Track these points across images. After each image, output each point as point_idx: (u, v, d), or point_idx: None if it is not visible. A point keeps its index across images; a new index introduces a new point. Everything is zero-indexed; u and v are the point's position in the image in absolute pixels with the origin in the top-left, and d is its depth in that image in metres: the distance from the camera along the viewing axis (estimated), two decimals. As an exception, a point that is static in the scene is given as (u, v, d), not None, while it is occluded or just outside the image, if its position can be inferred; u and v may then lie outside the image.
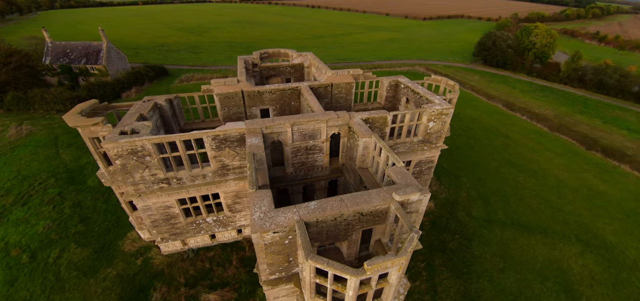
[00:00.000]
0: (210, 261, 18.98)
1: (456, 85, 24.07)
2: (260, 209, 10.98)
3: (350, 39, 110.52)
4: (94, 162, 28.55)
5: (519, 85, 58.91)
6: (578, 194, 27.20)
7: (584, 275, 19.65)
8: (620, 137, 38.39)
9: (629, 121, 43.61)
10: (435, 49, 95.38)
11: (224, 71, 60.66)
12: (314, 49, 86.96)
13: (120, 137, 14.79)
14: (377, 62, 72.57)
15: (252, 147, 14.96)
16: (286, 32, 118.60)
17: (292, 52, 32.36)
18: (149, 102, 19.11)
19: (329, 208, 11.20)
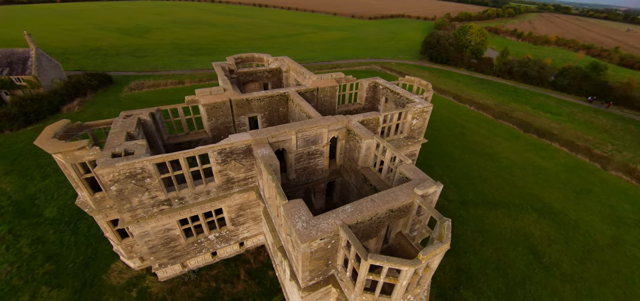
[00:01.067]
0: (215, 279, 18.17)
1: (429, 84, 26.46)
2: (301, 219, 11.16)
3: (304, 38, 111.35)
4: (47, 189, 24.82)
5: (462, 79, 66.09)
6: (526, 171, 32.03)
7: (543, 237, 23.48)
8: (547, 120, 45.91)
9: (551, 106, 52.31)
10: (385, 47, 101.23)
11: (178, 76, 56.60)
12: (269, 50, 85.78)
13: (114, 160, 13.44)
14: (335, 61, 74.55)
15: (266, 158, 14.85)
16: (236, 32, 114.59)
17: (267, 56, 31.93)
18: (131, 118, 17.51)
19: (364, 209, 11.85)
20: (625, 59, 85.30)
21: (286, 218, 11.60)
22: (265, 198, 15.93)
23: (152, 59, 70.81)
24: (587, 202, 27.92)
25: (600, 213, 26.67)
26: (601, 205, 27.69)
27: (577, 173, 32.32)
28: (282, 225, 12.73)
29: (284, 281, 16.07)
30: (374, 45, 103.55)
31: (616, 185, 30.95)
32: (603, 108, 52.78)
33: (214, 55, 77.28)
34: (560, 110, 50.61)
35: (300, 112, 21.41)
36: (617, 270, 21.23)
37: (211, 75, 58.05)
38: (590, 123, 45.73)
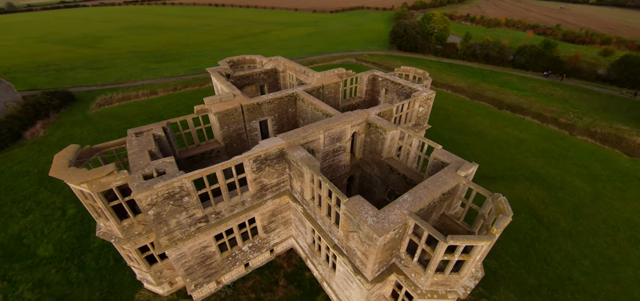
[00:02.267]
0: (253, 290, 17.68)
1: (426, 72, 27.69)
2: (369, 214, 11.33)
3: (271, 36, 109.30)
4: (33, 225, 22.17)
5: (433, 65, 69.58)
6: (510, 144, 34.90)
7: (538, 202, 25.90)
8: (515, 96, 50.16)
9: (515, 83, 57.15)
10: (353, 40, 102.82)
11: (148, 86, 52.87)
12: (238, 50, 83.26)
13: (150, 182, 12.53)
14: (309, 57, 74.33)
15: (306, 160, 14.71)
16: (199, 35, 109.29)
17: (260, 57, 31.11)
18: (144, 135, 16.33)
19: (423, 196, 12.31)
20: (567, 34, 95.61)
21: (352, 214, 11.70)
22: (305, 200, 15.77)
23: (113, 71, 65.22)
24: (565, 166, 31.21)
25: (578, 173, 29.99)
26: (577, 166, 31.13)
27: (551, 142, 35.89)
28: (341, 223, 12.76)
29: (332, 279, 16.11)
30: (342, 38, 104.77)
31: (584, 147, 34.94)
32: (558, 81, 58.91)
33: (181, 60, 73.29)
34: (524, 86, 55.52)
35: (314, 111, 21.33)
36: (603, 220, 24.15)
37: (185, 81, 55.06)
38: (551, 96, 50.84)
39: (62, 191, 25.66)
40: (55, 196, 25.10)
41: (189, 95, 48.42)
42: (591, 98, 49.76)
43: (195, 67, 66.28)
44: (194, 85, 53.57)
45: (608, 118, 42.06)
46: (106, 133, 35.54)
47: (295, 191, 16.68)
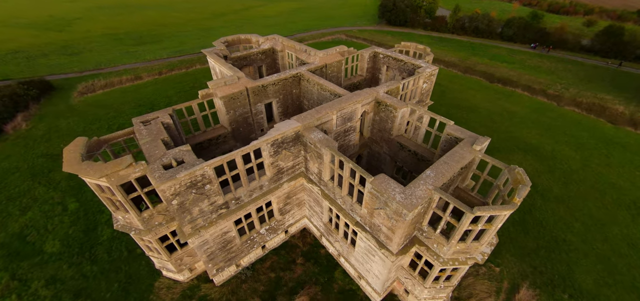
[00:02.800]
0: (272, 269, 18.09)
1: (427, 48, 27.77)
2: (396, 191, 11.67)
3: (255, 13, 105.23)
4: (34, 222, 21.44)
5: (423, 39, 69.54)
6: (502, 117, 36.06)
7: (532, 171, 27.25)
8: (505, 69, 51.28)
9: (504, 56, 58.24)
10: (341, 15, 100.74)
11: (131, 71, 50.35)
12: (223, 30, 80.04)
13: (171, 172, 12.34)
14: (298, 35, 72.50)
15: (324, 141, 14.78)
16: (177, 13, 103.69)
17: (255, 37, 30.14)
18: (152, 124, 15.86)
19: (444, 171, 12.74)
20: (552, 5, 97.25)
21: (379, 193, 12.02)
22: (323, 181, 15.95)
23: (89, 56, 61.42)
24: (555, 135, 32.71)
25: (567, 142, 31.56)
26: (565, 135, 32.70)
27: (541, 113, 37.32)
28: (366, 201, 13.09)
29: (351, 255, 16.67)
30: (329, 14, 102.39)
31: (571, 117, 36.60)
32: (545, 53, 60.46)
33: (162, 42, 69.80)
34: (513, 58, 56.70)
35: (321, 91, 21.16)
36: (592, 185, 25.81)
37: (170, 65, 52.70)
38: (539, 68, 52.29)
39: (58, 186, 24.73)
40: (52, 191, 24.17)
41: (177, 79, 46.57)
42: (576, 69, 51.57)
43: (178, 49, 63.47)
44: (180, 68, 51.38)
45: (592, 88, 43.95)
46: (95, 123, 34.03)
47: (311, 173, 16.82)
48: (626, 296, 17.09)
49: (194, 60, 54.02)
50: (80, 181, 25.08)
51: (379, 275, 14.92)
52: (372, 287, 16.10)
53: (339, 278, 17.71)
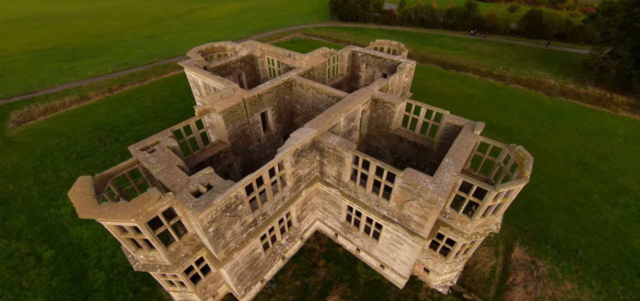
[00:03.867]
0: (296, 277, 18.12)
1: (401, 44, 29.59)
2: (427, 181, 12.69)
3: (200, 16, 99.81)
4: (3, 280, 18.32)
5: (376, 33, 72.96)
6: (462, 100, 40.02)
7: (498, 146, 30.96)
8: (454, 55, 56.55)
9: (450, 43, 64.07)
10: (290, 13, 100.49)
11: (73, 91, 44.67)
12: (168, 36, 74.72)
13: (204, 199, 11.83)
14: (254, 37, 70.69)
15: (343, 144, 15.28)
16: (111, 21, 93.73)
17: (229, 44, 29.05)
18: (160, 149, 14.78)
19: (461, 157, 14.14)
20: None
21: (411, 185, 12.94)
22: (342, 182, 16.43)
23: (13, 78, 52.68)
24: (508, 111, 37.42)
25: (519, 117, 36.34)
26: (516, 110, 37.61)
27: (492, 93, 42.25)
28: (395, 195, 13.93)
29: (374, 247, 17.49)
30: (279, 13, 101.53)
31: (517, 93, 42.11)
32: (483, 38, 67.93)
33: (102, 55, 62.66)
34: (458, 45, 62.70)
35: (317, 95, 21.50)
36: (546, 151, 30.24)
37: (120, 80, 47.73)
38: (481, 52, 58.70)
39: (21, 234, 21.36)
40: (15, 242, 20.79)
41: (133, 95, 42.54)
42: (511, 51, 59.03)
43: (124, 61, 57.66)
44: (132, 82, 46.88)
45: (527, 66, 50.87)
46: (47, 156, 29.72)
47: (328, 176, 17.18)
48: (591, 238, 20.69)
49: (148, 73, 49.69)
50: (50, 224, 21.99)
51: (406, 260, 16.00)
52: (398, 273, 17.16)
53: (362, 272, 18.45)
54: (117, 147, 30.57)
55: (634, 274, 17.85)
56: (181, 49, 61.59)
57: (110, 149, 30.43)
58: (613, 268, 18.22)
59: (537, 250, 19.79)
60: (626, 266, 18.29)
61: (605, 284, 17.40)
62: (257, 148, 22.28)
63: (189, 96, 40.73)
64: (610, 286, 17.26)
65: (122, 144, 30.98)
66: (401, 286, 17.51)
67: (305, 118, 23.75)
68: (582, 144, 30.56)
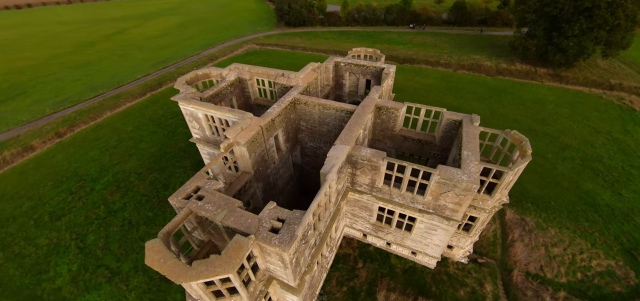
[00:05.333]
0: (340, 284, 19.39)
1: (377, 50, 32.26)
2: (459, 174, 15.13)
3: (134, 35, 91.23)
4: None
5: (328, 35, 75.85)
6: (425, 90, 44.77)
7: (465, 126, 35.88)
8: (403, 50, 62.10)
9: (395, 38, 69.94)
10: (234, 23, 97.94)
11: (16, 141, 38.29)
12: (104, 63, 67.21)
13: (284, 234, 12.55)
14: (206, 52, 67.78)
15: (376, 154, 17.06)
16: (26, 53, 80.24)
17: (214, 70, 28.41)
18: (210, 194, 14.83)
19: (474, 147, 16.87)
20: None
21: (448, 179, 15.27)
22: (376, 188, 18.17)
23: None
24: (463, 95, 43.17)
25: (473, 98, 42.20)
26: (469, 93, 43.58)
27: (446, 80, 48.04)
28: (431, 190, 16.16)
29: (407, 239, 19.65)
30: (222, 23, 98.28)
31: (465, 78, 48.57)
32: (422, 30, 75.52)
33: (30, 94, 54.08)
34: (403, 40, 68.84)
35: (323, 110, 22.82)
36: (503, 125, 35.97)
37: (68, 120, 42.18)
38: (425, 44, 65.48)
39: None
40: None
41: (91, 136, 38.21)
42: (448, 40, 67.02)
43: (61, 98, 50.72)
44: (84, 121, 41.85)
45: (466, 52, 58.57)
46: (10, 225, 25.71)
47: (360, 185, 18.75)
48: (555, 190, 25.89)
49: (98, 108, 44.66)
50: (53, 300, 19.54)
51: (439, 243, 18.50)
52: (431, 256, 19.63)
53: (396, 264, 20.52)
54: (97, 198, 27.61)
55: (592, 210, 23.22)
56: (127, 75, 56.12)
57: (89, 201, 27.37)
58: (578, 210, 23.41)
59: (522, 209, 24.18)
60: (585, 206, 23.66)
61: (576, 223, 22.36)
62: (273, 171, 22.75)
63: (159, 127, 38.11)
64: (579, 225, 22.25)
65: (101, 194, 28.06)
66: (433, 266, 20.06)
67: (311, 133, 24.87)
68: (527, 114, 37.20)
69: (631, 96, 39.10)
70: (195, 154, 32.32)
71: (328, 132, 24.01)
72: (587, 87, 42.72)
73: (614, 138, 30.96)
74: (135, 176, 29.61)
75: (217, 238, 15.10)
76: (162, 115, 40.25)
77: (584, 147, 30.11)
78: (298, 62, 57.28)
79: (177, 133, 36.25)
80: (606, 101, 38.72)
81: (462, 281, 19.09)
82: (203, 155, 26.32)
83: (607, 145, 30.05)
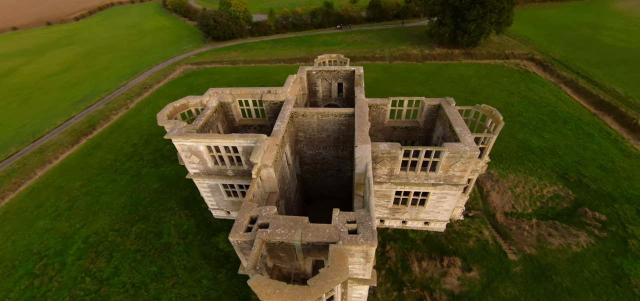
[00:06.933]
0: (378, 269, 21.56)
1: (340, 55, 34.93)
2: (462, 146, 18.85)
3: (26, 76, 74.54)
4: None
5: (264, 45, 75.80)
6: (377, 84, 49.24)
7: (417, 109, 41.66)
8: (342, 50, 66.66)
9: (329, 40, 74.33)
10: (152, 46, 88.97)
11: None
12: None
13: (364, 232, 14.17)
14: (135, 79, 60.56)
15: (393, 146, 19.66)
16: None
17: (191, 99, 27.01)
18: (273, 221, 15.30)
19: (461, 123, 20.89)
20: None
21: (455, 153, 18.80)
22: (394, 175, 20.76)
23: None
24: (407, 82, 49.45)
25: (416, 83, 48.65)
26: (411, 80, 50.09)
27: (387, 72, 54.05)
28: (442, 165, 19.52)
29: (420, 213, 22.84)
30: (137, 47, 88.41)
31: (401, 67, 55.41)
32: (349, 30, 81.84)
33: None
34: (337, 40, 73.72)
35: (322, 118, 24.46)
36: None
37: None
38: (356, 42, 71.45)
39: None
40: None
41: (25, 206, 31.37)
42: (375, 35, 74.52)
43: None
44: (10, 189, 33.38)
45: (393, 44, 66.32)
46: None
47: (379, 176, 21.10)
48: (501, 144, 32.64)
49: (19, 170, 36.36)
50: None
51: (448, 208, 22.19)
52: (441, 221, 23.25)
53: (415, 237, 23.59)
54: (75, 271, 23.45)
55: (530, 153, 30.47)
56: (42, 124, 46.43)
57: (66, 278, 23.09)
58: (521, 155, 30.38)
59: (501, 166, 29.82)
60: (525, 151, 30.87)
61: (524, 166, 29.10)
62: (288, 185, 23.39)
63: (117, 174, 33.53)
64: (526, 166, 29.04)
65: (79, 265, 23.90)
66: (444, 229, 23.83)
67: (310, 142, 26.16)
68: (459, 89, 45.13)
69: (523, 61, 51.31)
70: (176, 192, 29.92)
71: (327, 137, 25.67)
72: (492, 60, 53.98)
73: (524, 96, 40.61)
74: (114, 234, 26.00)
75: (285, 260, 15.51)
76: (115, 160, 35.40)
77: (507, 107, 38.65)
78: (245, 75, 56.44)
79: (142, 176, 32.61)
80: (508, 68, 49.84)
81: (467, 234, 23.28)
82: (202, 188, 24.91)
83: (521, 102, 39.27)
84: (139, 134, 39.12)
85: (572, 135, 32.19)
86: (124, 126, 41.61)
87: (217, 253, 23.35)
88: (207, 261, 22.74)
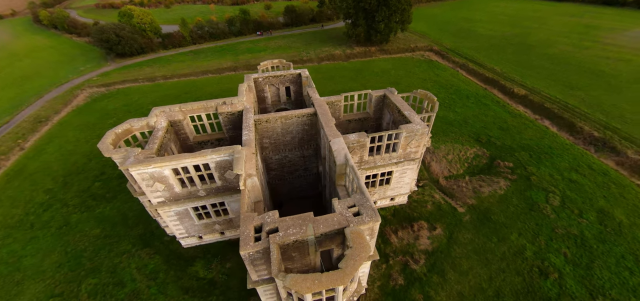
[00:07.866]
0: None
1: (282, 60, 35.92)
2: (415, 125, 22.54)
3: None
4: None
5: (184, 57, 69.92)
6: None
7: (354, 102, 45.76)
8: (267, 55, 66.83)
9: (253, 48, 73.43)
10: (36, 70, 72.16)
11: None
12: None
13: (366, 212, 15.99)
14: (21, 115, 48.20)
15: (360, 135, 22.08)
16: None
17: (136, 122, 24.20)
18: (282, 223, 15.78)
19: (407, 108, 24.83)
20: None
21: (411, 132, 22.30)
22: (363, 162, 23.14)
23: None
24: (338, 80, 53.27)
25: (349, 80, 52.66)
26: (343, 78, 54.01)
27: (319, 73, 57.00)
28: (402, 144, 22.82)
29: (387, 190, 25.91)
30: (14, 75, 70.10)
31: (329, 67, 59.17)
32: (270, 35, 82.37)
33: None
34: (261, 46, 73.53)
35: (286, 121, 25.32)
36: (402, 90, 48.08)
37: None
38: (281, 46, 72.66)
39: None
40: None
41: None
42: (297, 39, 77.06)
43: None
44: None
45: (316, 46, 69.98)
46: None
47: (351, 165, 23.18)
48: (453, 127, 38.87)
49: None
50: None
51: (409, 181, 25.80)
52: (403, 194, 26.78)
53: (385, 214, 26.42)
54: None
55: (450, 126, 37.23)
56: None
57: None
58: (444, 128, 36.84)
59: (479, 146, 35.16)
60: (446, 125, 37.52)
61: (449, 136, 35.38)
62: (264, 192, 23.35)
63: (35, 229, 26.86)
64: (450, 137, 35.39)
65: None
66: (406, 201, 27.47)
67: (275, 146, 26.56)
68: (384, 81, 51.16)
69: (426, 52, 61.33)
70: (126, 232, 26.10)
71: (292, 139, 26.52)
72: (402, 53, 62.75)
73: (435, 81, 48.93)
74: (57, 300, 21.28)
75: (296, 259, 15.94)
76: (26, 214, 28.30)
77: (424, 91, 46.06)
78: (172, 92, 51.63)
79: (73, 225, 27.14)
80: (417, 59, 58.86)
81: (423, 200, 27.43)
82: (168, 218, 22.49)
83: (434, 87, 47.25)
84: (50, 177, 31.95)
85: (475, 107, 40.83)
86: (25, 171, 33.25)
87: (200, 283, 21.68)
88: (190, 295, 20.91)
